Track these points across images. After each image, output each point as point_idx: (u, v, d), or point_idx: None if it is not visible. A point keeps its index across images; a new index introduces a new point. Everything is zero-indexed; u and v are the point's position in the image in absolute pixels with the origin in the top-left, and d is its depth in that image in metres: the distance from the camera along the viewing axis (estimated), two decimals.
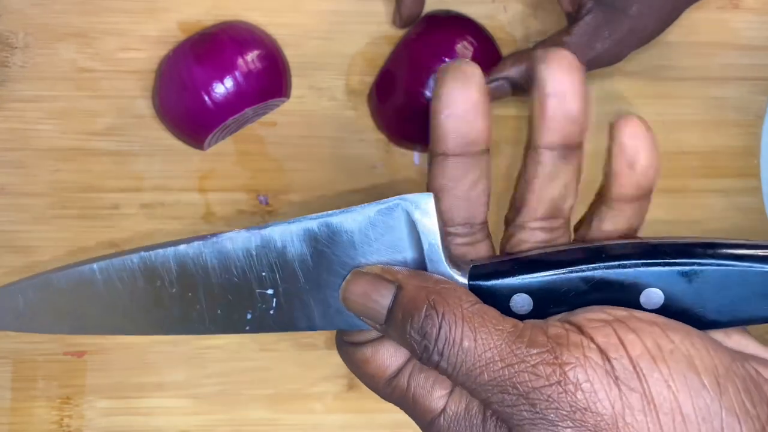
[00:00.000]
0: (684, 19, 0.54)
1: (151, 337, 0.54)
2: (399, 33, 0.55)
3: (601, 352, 0.35)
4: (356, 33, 0.57)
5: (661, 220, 0.49)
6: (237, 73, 0.52)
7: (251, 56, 0.53)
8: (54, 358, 0.53)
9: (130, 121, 0.55)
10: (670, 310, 0.38)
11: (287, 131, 0.56)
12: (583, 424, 0.34)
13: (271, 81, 0.54)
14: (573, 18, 0.52)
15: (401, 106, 0.53)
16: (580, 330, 0.36)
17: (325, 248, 0.39)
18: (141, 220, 0.55)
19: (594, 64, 0.52)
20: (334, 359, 0.54)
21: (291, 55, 0.56)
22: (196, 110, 0.52)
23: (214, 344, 0.54)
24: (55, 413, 0.53)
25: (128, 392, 0.54)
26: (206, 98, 0.52)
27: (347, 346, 0.41)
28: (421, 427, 0.40)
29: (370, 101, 0.55)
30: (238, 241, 0.40)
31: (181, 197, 0.55)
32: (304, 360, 0.54)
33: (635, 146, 0.40)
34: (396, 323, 0.37)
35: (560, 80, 0.39)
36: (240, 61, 0.52)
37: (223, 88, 0.52)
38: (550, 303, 0.38)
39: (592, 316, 0.37)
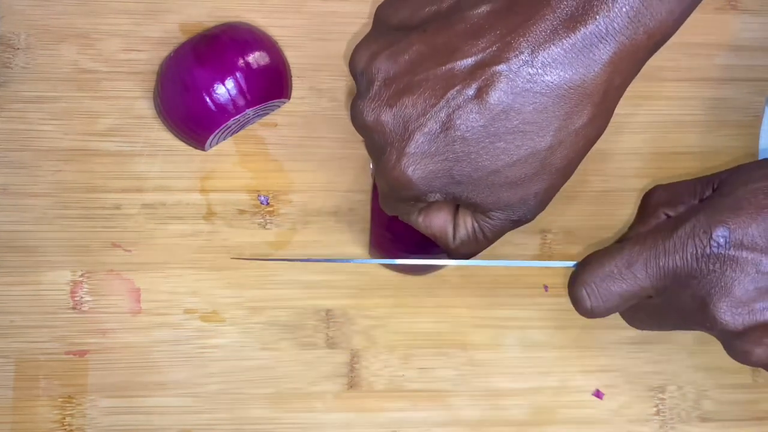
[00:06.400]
0: None
1: (153, 336, 0.54)
2: None
3: None
4: (357, 34, 0.57)
5: None
6: (238, 75, 0.52)
7: (252, 57, 0.53)
8: (56, 357, 0.54)
9: (132, 122, 0.56)
10: None
11: (288, 132, 0.56)
12: None
13: (272, 82, 0.54)
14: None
15: None
16: None
17: None
18: (142, 221, 0.55)
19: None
20: (335, 358, 0.54)
21: (292, 56, 0.56)
22: (198, 111, 0.52)
23: (216, 343, 0.54)
24: (57, 412, 0.53)
25: (130, 391, 0.54)
26: (207, 99, 0.52)
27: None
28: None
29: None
30: None
31: (183, 197, 0.55)
32: (304, 359, 0.54)
33: None
34: None
35: None
36: (241, 62, 0.52)
37: (224, 89, 0.52)
38: None
39: None
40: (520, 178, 0.43)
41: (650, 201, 0.48)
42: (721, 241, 0.43)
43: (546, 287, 0.55)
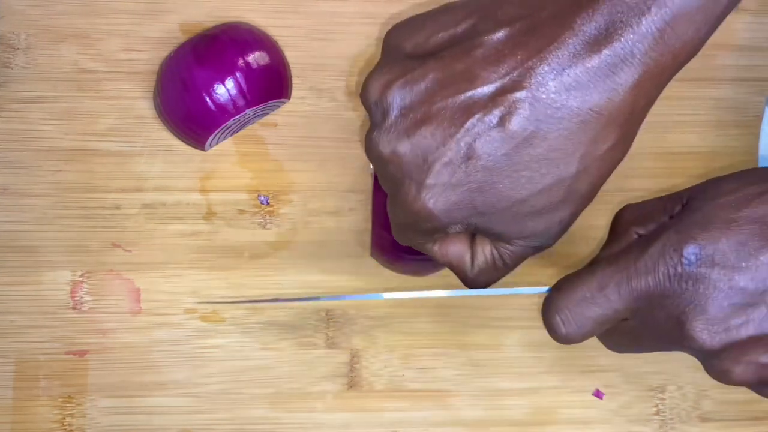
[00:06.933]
0: None
1: (153, 336, 0.54)
2: None
3: None
4: (357, 34, 0.57)
5: None
6: (238, 75, 0.52)
7: (252, 57, 0.53)
8: (56, 357, 0.54)
9: (132, 122, 0.56)
10: None
11: (288, 132, 0.56)
12: None
13: (272, 82, 0.54)
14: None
15: None
16: None
17: None
18: (142, 221, 0.55)
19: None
20: (335, 358, 0.54)
21: (292, 56, 0.56)
22: (198, 111, 0.52)
23: (216, 343, 0.54)
24: (57, 412, 0.53)
25: (130, 391, 0.54)
26: (207, 99, 0.52)
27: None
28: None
29: None
30: None
31: (183, 197, 0.55)
32: (304, 359, 0.54)
33: None
34: None
35: None
36: (241, 62, 0.52)
37: (224, 89, 0.52)
38: None
39: None
40: (545, 207, 0.42)
41: (621, 220, 0.47)
42: (692, 258, 0.41)
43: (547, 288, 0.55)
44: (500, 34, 0.40)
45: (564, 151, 0.40)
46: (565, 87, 0.39)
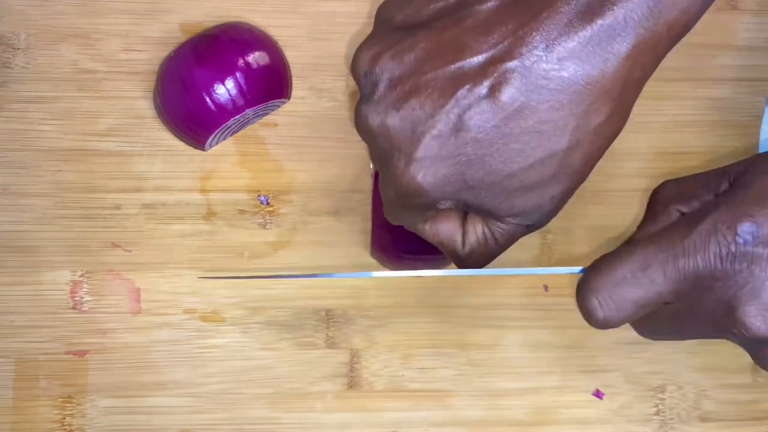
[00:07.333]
0: None
1: (153, 336, 0.54)
2: None
3: None
4: (357, 34, 0.57)
5: None
6: (238, 75, 0.52)
7: (252, 57, 0.53)
8: (56, 357, 0.54)
9: (132, 122, 0.56)
10: None
11: (288, 132, 0.56)
12: None
13: (272, 82, 0.54)
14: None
15: None
16: None
17: None
18: (142, 221, 0.55)
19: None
20: (335, 358, 0.54)
21: (292, 56, 0.56)
22: (198, 111, 0.52)
23: (215, 343, 0.54)
24: (57, 412, 0.53)
25: (130, 391, 0.54)
26: (207, 99, 0.52)
27: None
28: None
29: None
30: None
31: (183, 197, 0.55)
32: (304, 359, 0.54)
33: None
34: None
35: None
36: (241, 62, 0.52)
37: (224, 89, 0.52)
38: None
39: None
40: (537, 182, 0.40)
41: (660, 197, 0.45)
42: (748, 237, 0.39)
43: (546, 287, 0.55)
44: (491, 4, 0.39)
45: (555, 124, 0.39)
46: (557, 57, 0.38)
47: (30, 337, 0.54)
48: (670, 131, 0.57)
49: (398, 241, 0.52)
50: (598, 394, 0.55)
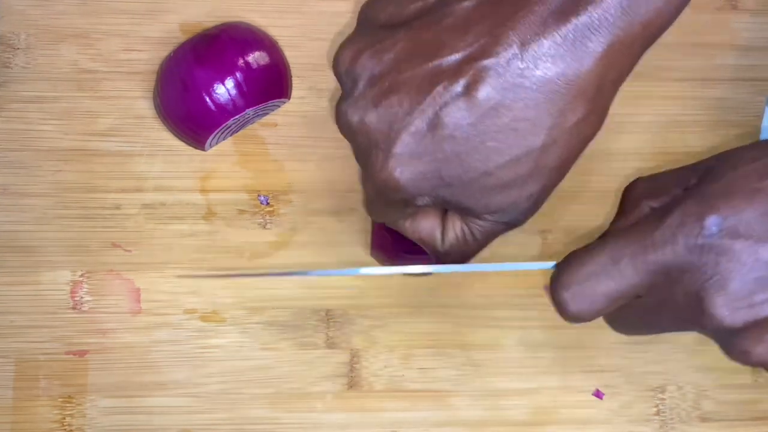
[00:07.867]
0: (683, 20, 0.54)
1: (153, 336, 0.54)
2: None
3: None
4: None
5: None
6: (238, 74, 0.52)
7: (252, 57, 0.53)
8: (56, 357, 0.54)
9: (132, 122, 0.56)
10: None
11: (288, 132, 0.56)
12: None
13: (272, 82, 0.54)
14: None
15: None
16: None
17: None
18: (142, 221, 0.55)
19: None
20: (335, 358, 0.54)
21: (292, 56, 0.56)
22: (198, 111, 0.52)
23: (215, 343, 0.54)
24: (57, 412, 0.53)
25: (130, 391, 0.54)
26: (207, 99, 0.52)
27: None
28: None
29: None
30: None
31: (183, 197, 0.55)
32: (304, 359, 0.54)
33: None
34: None
35: None
36: (241, 62, 0.52)
37: (224, 89, 0.52)
38: None
39: None
40: (513, 180, 0.41)
41: (632, 194, 0.45)
42: (714, 229, 0.39)
43: (546, 288, 0.55)
44: (468, 3, 0.39)
45: (531, 122, 0.39)
46: (532, 56, 0.38)
47: (30, 337, 0.54)
48: (670, 131, 0.57)
49: (398, 241, 0.52)
50: (598, 394, 0.55)
